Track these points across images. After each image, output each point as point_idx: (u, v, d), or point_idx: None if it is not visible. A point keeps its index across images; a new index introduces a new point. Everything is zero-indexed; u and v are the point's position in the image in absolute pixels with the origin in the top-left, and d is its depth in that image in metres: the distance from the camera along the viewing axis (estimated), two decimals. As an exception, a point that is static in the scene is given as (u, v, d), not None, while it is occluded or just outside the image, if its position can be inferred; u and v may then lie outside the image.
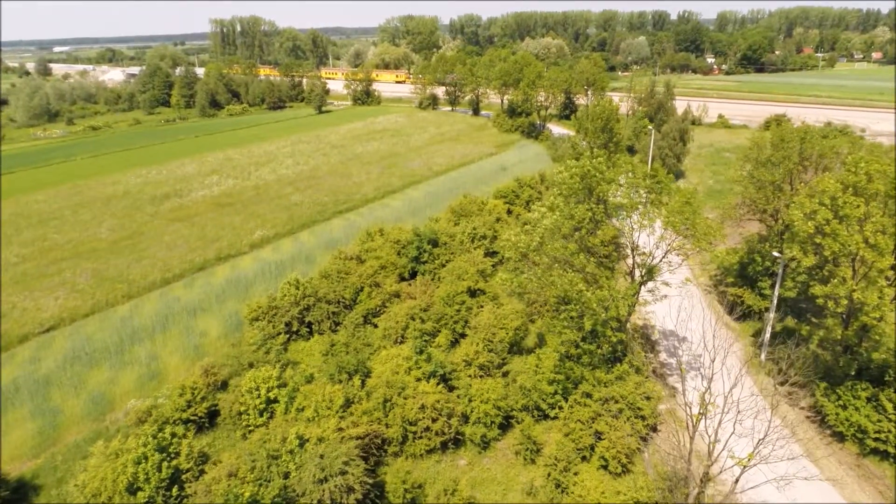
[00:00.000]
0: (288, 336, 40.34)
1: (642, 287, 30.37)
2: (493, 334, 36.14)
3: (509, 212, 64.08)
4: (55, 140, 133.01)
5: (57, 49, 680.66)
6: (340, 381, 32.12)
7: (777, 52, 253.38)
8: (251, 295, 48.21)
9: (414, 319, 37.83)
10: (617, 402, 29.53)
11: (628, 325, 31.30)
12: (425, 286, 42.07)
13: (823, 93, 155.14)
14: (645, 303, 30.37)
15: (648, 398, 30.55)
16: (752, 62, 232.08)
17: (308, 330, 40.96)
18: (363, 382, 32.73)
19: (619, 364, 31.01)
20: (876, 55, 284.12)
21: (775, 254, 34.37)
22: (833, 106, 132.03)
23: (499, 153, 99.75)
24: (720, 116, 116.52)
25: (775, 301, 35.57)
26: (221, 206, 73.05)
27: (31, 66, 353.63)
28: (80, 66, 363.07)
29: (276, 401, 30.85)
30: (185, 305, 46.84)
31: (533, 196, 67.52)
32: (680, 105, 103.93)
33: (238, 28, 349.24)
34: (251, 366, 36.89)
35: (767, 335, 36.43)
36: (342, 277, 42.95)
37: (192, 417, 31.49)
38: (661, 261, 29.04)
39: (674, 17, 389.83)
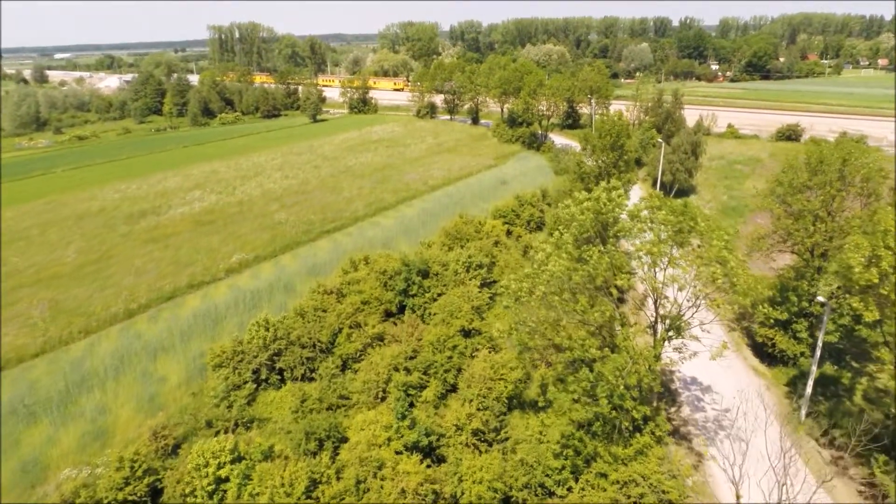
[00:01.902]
0: (256, 385, 35.34)
1: (667, 343, 25.40)
2: (489, 389, 31.09)
3: (509, 233, 59.24)
4: (39, 150, 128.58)
5: (58, 56, 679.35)
6: (307, 453, 27.09)
7: (781, 59, 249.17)
8: (220, 331, 43.28)
9: (398, 370, 32.80)
10: (638, 484, 24.44)
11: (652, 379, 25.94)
12: (412, 327, 37.06)
13: (833, 101, 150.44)
14: (671, 363, 25.28)
15: (674, 476, 25.46)
16: (758, 69, 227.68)
17: (279, 378, 35.94)
18: (336, 451, 27.78)
19: (638, 434, 25.93)
20: (882, 62, 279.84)
21: (820, 298, 29.37)
22: (845, 115, 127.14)
23: (498, 165, 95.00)
24: (729, 126, 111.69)
25: (818, 352, 30.50)
26: (201, 224, 68.17)
27: (28, 72, 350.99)
28: (77, 73, 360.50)
29: (228, 479, 25.78)
30: (145, 344, 41.83)
31: (535, 215, 62.68)
32: (687, 114, 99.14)
33: (236, 34, 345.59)
34: (209, 425, 31.94)
35: (809, 389, 31.34)
36: (319, 316, 37.96)
37: (129, 497, 26.42)
38: (691, 315, 24.05)
39: (675, 23, 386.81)
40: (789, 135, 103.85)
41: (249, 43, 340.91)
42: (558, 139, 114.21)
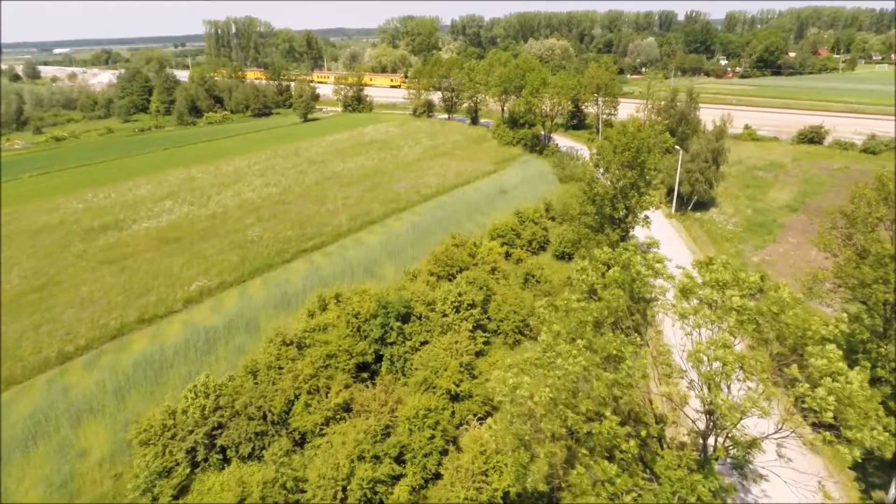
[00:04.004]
0: (192, 467, 28.44)
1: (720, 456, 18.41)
2: (479, 489, 24.13)
3: (508, 255, 52.24)
4: (12, 153, 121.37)
5: (57, 51, 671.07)
6: None
7: (792, 54, 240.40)
8: (163, 386, 36.43)
9: (363, 459, 25.79)
10: None
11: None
12: (386, 392, 30.04)
13: (852, 99, 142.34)
14: (731, 490, 17.97)
15: None
16: (768, 65, 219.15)
17: (221, 457, 28.98)
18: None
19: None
20: (895, 56, 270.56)
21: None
22: (868, 115, 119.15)
23: (498, 171, 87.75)
24: (746, 127, 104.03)
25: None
26: (165, 241, 61.18)
27: (20, 68, 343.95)
28: (70, 69, 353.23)
29: None
30: (71, 403, 34.93)
31: (537, 234, 55.57)
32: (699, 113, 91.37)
33: (233, 29, 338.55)
34: (121, 531, 25.03)
35: (894, 490, 24.25)
36: (273, 377, 30.96)
37: None
38: (773, 435, 16.84)
39: (681, 17, 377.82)
40: (812, 137, 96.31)
41: (246, 38, 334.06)
42: (563, 141, 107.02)
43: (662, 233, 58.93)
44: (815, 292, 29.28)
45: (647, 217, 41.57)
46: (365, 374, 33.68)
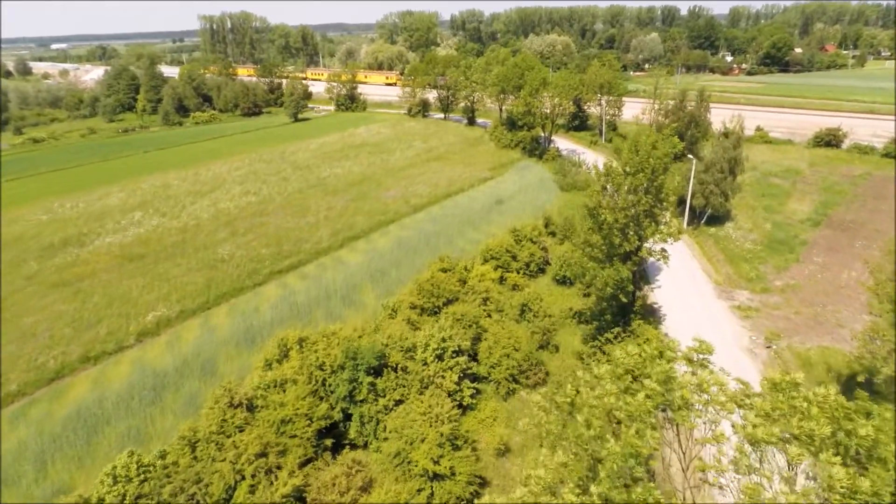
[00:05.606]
0: (107, 570, 23.11)
1: None
2: None
3: (503, 279, 46.77)
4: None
5: (53, 46, 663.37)
6: None
7: (798, 50, 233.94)
8: (96, 446, 31.16)
9: (312, 577, 20.40)
10: None
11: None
12: (349, 475, 24.61)
13: (867, 98, 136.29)
14: None
15: None
16: (776, 61, 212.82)
17: (145, 556, 23.64)
18: None
19: None
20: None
21: None
22: (885, 115, 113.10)
23: (494, 177, 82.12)
24: (758, 129, 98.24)
25: None
26: (128, 260, 55.75)
27: (12, 64, 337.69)
28: (63, 66, 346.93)
29: None
30: (-17, 471, 29.61)
31: (535, 254, 50.06)
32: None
33: (228, 25, 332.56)
34: None
35: None
36: (213, 454, 25.53)
37: None
38: None
39: (683, 12, 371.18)
40: (829, 140, 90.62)
41: (241, 34, 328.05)
42: (564, 143, 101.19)
43: (674, 250, 53.30)
44: (876, 354, 23.82)
45: (664, 251, 36.09)
46: (329, 441, 28.25)
